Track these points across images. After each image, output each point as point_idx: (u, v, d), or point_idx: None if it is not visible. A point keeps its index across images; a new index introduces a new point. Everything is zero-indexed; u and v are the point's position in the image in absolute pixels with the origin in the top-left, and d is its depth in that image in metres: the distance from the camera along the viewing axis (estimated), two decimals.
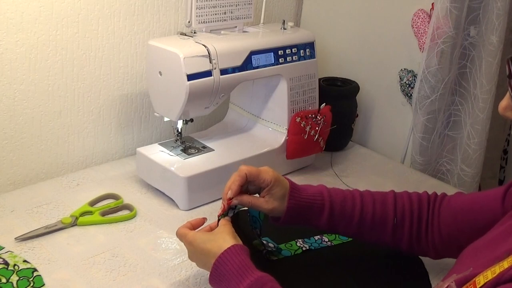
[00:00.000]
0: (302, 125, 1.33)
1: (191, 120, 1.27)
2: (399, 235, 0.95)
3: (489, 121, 1.35)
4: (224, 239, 0.85)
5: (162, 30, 1.39)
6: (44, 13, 1.18)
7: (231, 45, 1.23)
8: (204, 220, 0.95)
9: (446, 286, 0.70)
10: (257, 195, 0.96)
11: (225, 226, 0.88)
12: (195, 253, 0.89)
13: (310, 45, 1.38)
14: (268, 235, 1.05)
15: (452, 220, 0.92)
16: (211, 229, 0.91)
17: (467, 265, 0.72)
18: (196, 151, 1.28)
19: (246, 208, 0.96)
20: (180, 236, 0.91)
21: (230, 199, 0.91)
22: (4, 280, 0.92)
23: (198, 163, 1.23)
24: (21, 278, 0.93)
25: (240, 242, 0.86)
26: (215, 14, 1.26)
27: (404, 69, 1.50)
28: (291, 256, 1.04)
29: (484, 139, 1.37)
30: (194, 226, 0.93)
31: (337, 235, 1.09)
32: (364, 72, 1.61)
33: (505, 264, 0.64)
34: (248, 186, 0.95)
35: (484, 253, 0.74)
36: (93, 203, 1.17)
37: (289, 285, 0.83)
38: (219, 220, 0.91)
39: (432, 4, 1.37)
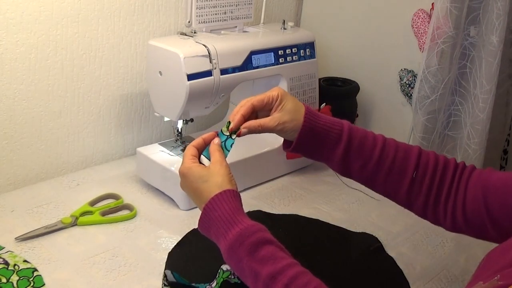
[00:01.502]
0: None
1: (191, 120, 1.27)
2: (415, 193, 0.86)
3: (489, 121, 1.35)
4: (217, 182, 0.79)
5: (162, 30, 1.39)
6: (44, 13, 1.18)
7: (231, 45, 1.23)
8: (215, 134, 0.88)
9: None
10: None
11: (221, 166, 0.81)
12: (187, 188, 0.83)
13: (310, 45, 1.38)
14: None
15: (481, 196, 0.81)
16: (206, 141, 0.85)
17: (493, 271, 0.63)
18: None
19: None
20: (183, 160, 0.84)
21: (239, 132, 0.85)
22: (4, 280, 0.92)
23: None
24: (21, 278, 0.93)
25: (235, 185, 0.80)
26: (215, 14, 1.26)
27: (404, 69, 1.50)
28: None
29: (484, 139, 1.37)
30: (206, 141, 0.86)
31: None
32: (364, 72, 1.61)
33: None
34: (258, 114, 0.89)
35: None
36: (93, 203, 1.17)
37: None
38: (221, 131, 0.86)
39: (432, 4, 1.37)
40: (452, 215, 0.85)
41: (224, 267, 0.92)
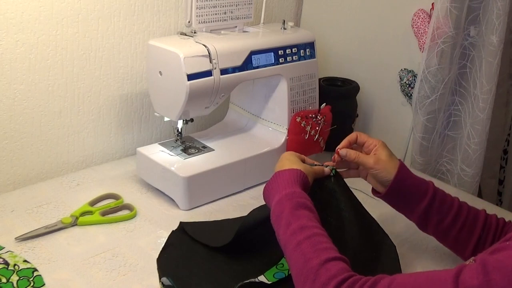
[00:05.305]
0: (302, 125, 1.33)
1: (191, 120, 1.27)
2: (480, 250, 0.94)
3: (489, 121, 1.35)
4: (297, 166, 0.96)
5: (162, 30, 1.39)
6: (44, 13, 1.18)
7: (231, 45, 1.23)
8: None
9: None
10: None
11: (309, 169, 0.98)
12: (284, 157, 1.00)
13: (310, 45, 1.38)
14: None
15: None
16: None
17: (489, 253, 0.74)
18: (196, 151, 1.28)
19: None
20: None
21: (338, 151, 1.02)
22: (4, 280, 0.92)
23: (198, 163, 1.23)
24: (21, 278, 0.93)
25: (308, 179, 0.96)
26: (215, 14, 1.26)
27: (404, 69, 1.50)
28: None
29: (484, 139, 1.37)
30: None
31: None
32: (364, 72, 1.61)
33: None
34: (350, 165, 1.06)
35: None
36: (93, 203, 1.17)
37: None
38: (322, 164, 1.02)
39: (432, 4, 1.37)
40: None
41: None
